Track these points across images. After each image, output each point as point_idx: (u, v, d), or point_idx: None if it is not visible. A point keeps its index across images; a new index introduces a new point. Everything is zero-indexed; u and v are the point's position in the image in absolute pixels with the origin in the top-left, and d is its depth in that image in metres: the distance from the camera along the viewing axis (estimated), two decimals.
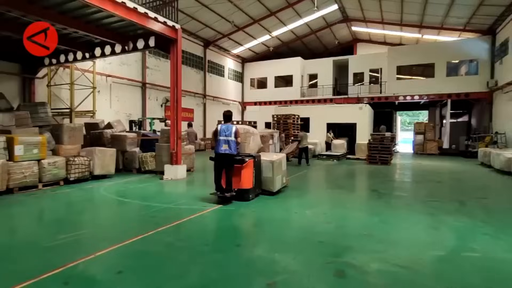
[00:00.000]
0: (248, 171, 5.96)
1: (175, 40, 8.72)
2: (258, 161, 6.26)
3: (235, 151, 5.79)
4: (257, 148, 6.92)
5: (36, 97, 11.33)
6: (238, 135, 5.87)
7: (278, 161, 6.62)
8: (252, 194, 6.07)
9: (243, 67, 27.28)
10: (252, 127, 7.22)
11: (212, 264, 3.26)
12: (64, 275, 2.94)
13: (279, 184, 6.67)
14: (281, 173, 6.79)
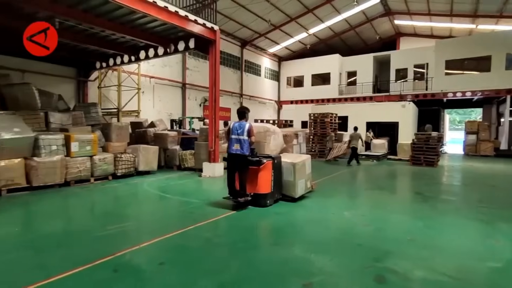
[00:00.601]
0: (266, 174, 5.39)
1: (214, 41, 8.95)
2: (278, 163, 5.67)
3: (248, 151, 5.26)
4: (279, 149, 6.43)
5: (89, 98, 12.33)
6: (252, 133, 5.31)
7: (301, 163, 5.96)
8: (270, 199, 5.48)
9: (279, 65, 27.19)
10: (273, 126, 6.66)
11: (248, 261, 3.31)
12: (113, 263, 3.17)
13: (302, 189, 6.03)
14: (305, 177, 6.10)
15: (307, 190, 6.31)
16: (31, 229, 4.59)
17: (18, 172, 6.41)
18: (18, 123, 6.90)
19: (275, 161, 5.54)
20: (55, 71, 11.30)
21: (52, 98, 9.52)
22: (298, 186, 5.86)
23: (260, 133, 6.12)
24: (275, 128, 6.43)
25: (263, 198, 5.40)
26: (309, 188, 6.40)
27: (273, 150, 6.25)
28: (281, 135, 6.48)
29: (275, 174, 5.55)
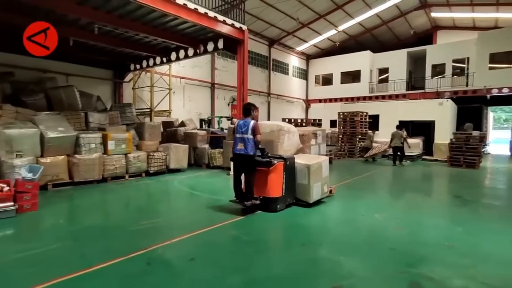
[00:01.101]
0: (276, 176, 4.98)
1: (242, 41, 9.03)
2: (290, 165, 5.26)
3: (252, 151, 4.88)
4: (294, 149, 5.95)
5: (124, 99, 12.96)
6: (257, 131, 4.90)
7: (317, 166, 5.45)
8: (280, 204, 5.08)
9: (307, 64, 26.82)
10: (288, 124, 6.19)
11: (277, 260, 3.31)
12: (146, 257, 3.31)
13: (317, 194, 5.50)
14: (321, 180, 5.56)
15: (324, 195, 5.74)
16: (74, 221, 4.93)
17: (62, 168, 6.89)
18: (62, 122, 7.42)
19: (287, 162, 5.14)
20: (94, 74, 12.01)
21: (92, 99, 10.14)
22: (313, 190, 5.36)
23: (273, 131, 5.70)
24: (290, 126, 5.96)
25: (273, 203, 5.00)
26: (326, 193, 5.81)
27: (287, 150, 5.77)
28: (297, 135, 6.01)
29: (288, 177, 5.14)
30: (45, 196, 5.85)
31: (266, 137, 5.62)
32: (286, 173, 5.07)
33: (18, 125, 6.49)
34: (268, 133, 5.75)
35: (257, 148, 4.96)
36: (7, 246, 3.68)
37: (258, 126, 4.98)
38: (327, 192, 5.84)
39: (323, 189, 5.68)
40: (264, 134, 5.69)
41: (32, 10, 7.32)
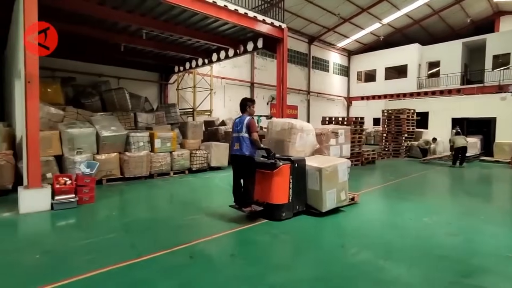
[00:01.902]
0: (282, 180, 4.47)
1: (281, 39, 9.00)
2: (299, 168, 4.69)
3: (248, 151, 4.38)
4: (308, 150, 5.33)
5: (169, 99, 13.67)
6: (253, 129, 4.40)
7: (331, 169, 4.75)
8: (286, 211, 4.54)
9: (349, 60, 25.90)
10: (301, 122, 5.58)
11: (316, 261, 3.26)
12: (189, 250, 3.46)
13: (332, 202, 4.79)
14: (336, 186, 4.84)
15: (341, 203, 5.00)
16: (125, 213, 5.32)
17: (115, 165, 7.47)
18: (115, 122, 8.03)
19: (295, 164, 4.58)
20: (142, 76, 12.83)
21: (140, 100, 10.84)
22: (327, 197, 4.69)
23: (284, 130, 5.17)
24: (304, 124, 5.32)
25: (277, 210, 4.48)
26: (344, 201, 5.06)
27: (300, 151, 5.15)
28: (312, 134, 5.37)
29: (296, 181, 4.60)
30: (100, 190, 6.39)
31: (276, 137, 5.26)
32: (293, 177, 4.55)
33: (79, 125, 7.17)
34: (279, 132, 5.29)
35: (256, 148, 4.48)
36: (71, 234, 4.10)
37: (253, 122, 4.47)
38: (345, 200, 5.07)
39: (340, 196, 4.92)
40: (274, 133, 5.35)
41: (88, 20, 8.02)
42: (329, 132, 5.76)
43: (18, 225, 4.43)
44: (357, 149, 10.93)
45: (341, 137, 5.92)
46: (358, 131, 10.99)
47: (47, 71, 9.50)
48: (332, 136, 5.74)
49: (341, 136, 5.91)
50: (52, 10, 7.00)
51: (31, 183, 4.93)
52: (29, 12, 4.87)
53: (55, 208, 4.97)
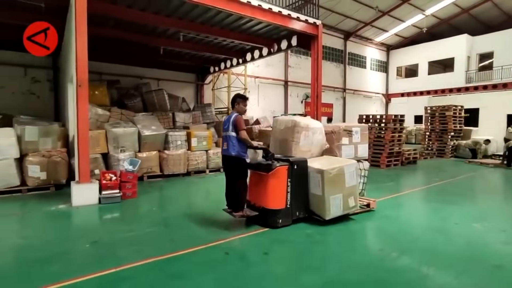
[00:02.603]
0: (278, 183, 4.08)
1: (316, 36, 8.83)
2: (300, 169, 4.26)
3: (235, 151, 4.09)
4: (316, 150, 4.84)
5: (204, 99, 14.07)
6: (240, 126, 4.07)
7: (336, 172, 4.24)
8: (283, 218, 4.13)
9: (387, 55, 24.71)
10: (307, 119, 5.15)
11: (351, 264, 3.16)
12: (225, 247, 3.55)
13: (337, 208, 4.29)
14: (343, 191, 4.31)
15: (349, 210, 4.48)
16: (164, 209, 5.58)
17: (155, 162, 7.87)
18: (155, 122, 8.45)
19: (294, 166, 4.18)
20: (180, 78, 13.35)
21: (178, 101, 11.28)
22: (330, 203, 4.21)
23: (288, 128, 4.77)
24: (310, 122, 4.86)
25: (273, 216, 4.09)
26: (354, 208, 4.54)
27: (305, 151, 4.66)
28: (320, 132, 4.89)
29: (295, 184, 4.20)
30: (142, 186, 6.77)
31: (280, 136, 4.91)
32: (292, 179, 4.16)
33: (122, 125, 7.65)
34: (283, 131, 4.88)
35: (247, 147, 4.18)
36: (116, 226, 4.41)
37: (240, 119, 4.14)
38: (355, 207, 4.54)
39: (348, 202, 4.39)
40: (278, 132, 4.95)
41: (131, 26, 8.52)
42: (340, 130, 5.05)
43: (71, 217, 4.85)
44: (397, 148, 10.41)
45: (355, 135, 5.11)
46: (397, 130, 10.46)
47: (95, 75, 10.25)
48: (345, 134, 5.00)
49: (356, 135, 5.10)
50: (100, 18, 7.54)
51: (82, 179, 5.36)
52: (80, 21, 5.28)
53: (102, 202, 5.35)
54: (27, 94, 9.99)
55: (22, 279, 2.81)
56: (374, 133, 10.41)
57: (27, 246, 3.60)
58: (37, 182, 6.11)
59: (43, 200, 5.61)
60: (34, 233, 4.13)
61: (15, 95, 9.75)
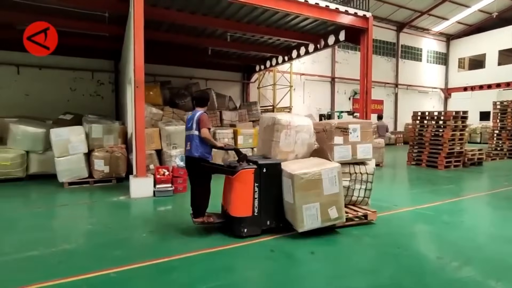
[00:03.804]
0: (243, 188, 3.66)
1: (366, 29, 8.42)
2: (272, 173, 3.75)
3: (198, 152, 3.79)
4: (302, 151, 4.25)
5: (250, 98, 14.29)
6: (203, 124, 3.78)
7: (309, 177, 3.59)
8: (249, 227, 3.67)
9: (447, 46, 22.55)
10: (292, 115, 4.54)
11: (406, 270, 2.97)
12: (271, 244, 3.56)
13: (313, 220, 3.64)
14: (319, 200, 3.65)
15: (331, 222, 3.76)
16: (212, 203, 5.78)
17: None
18: None
19: (263, 169, 3.71)
20: (226, 77, 13.74)
21: (225, 99, 11.62)
22: (304, 213, 3.59)
23: (268, 126, 4.28)
24: (293, 119, 4.27)
25: (238, 224, 3.66)
26: (338, 219, 3.78)
27: (287, 151, 4.11)
28: (307, 130, 4.28)
29: (265, 190, 3.71)
30: None
31: (263, 135, 4.47)
32: (260, 184, 3.68)
33: (174, 123, 8.11)
34: (265, 130, 4.38)
35: (210, 147, 3.92)
36: (169, 218, 4.70)
37: (205, 117, 3.85)
38: (339, 219, 3.79)
39: (328, 213, 3.70)
40: (262, 132, 4.54)
41: (182, 29, 8.98)
42: (333, 128, 4.27)
43: (130, 207, 5.29)
44: (458, 148, 9.48)
45: (353, 134, 4.34)
46: (459, 127, 9.51)
47: (150, 77, 11.01)
48: (338, 133, 4.28)
49: (353, 133, 4.34)
50: (155, 23, 8.07)
51: (139, 173, 5.81)
52: (138, 27, 5.70)
53: (156, 195, 5.75)
54: (94, 96, 11.12)
55: (92, 260, 3.15)
56: (431, 131, 9.61)
57: (95, 232, 4.03)
58: (101, 175, 6.78)
59: (106, 191, 6.21)
60: (100, 220, 4.60)
61: (85, 96, 10.93)
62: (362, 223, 4.23)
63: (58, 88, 10.49)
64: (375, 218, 4.31)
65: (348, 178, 4.26)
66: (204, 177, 3.92)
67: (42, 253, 3.29)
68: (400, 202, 5.52)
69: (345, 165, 4.23)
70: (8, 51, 9.60)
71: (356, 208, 4.37)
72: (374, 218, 4.31)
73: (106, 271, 2.87)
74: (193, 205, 3.99)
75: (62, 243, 3.57)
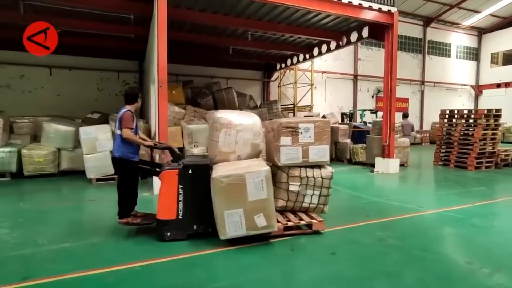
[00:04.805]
0: (167, 190, 3.52)
1: (391, 25, 8.14)
2: (199, 175, 3.56)
3: (120, 152, 3.70)
4: (245, 152, 3.88)
5: (271, 96, 14.26)
6: (124, 123, 3.65)
7: (229, 180, 3.30)
8: (173, 231, 3.50)
9: (479, 40, 21.37)
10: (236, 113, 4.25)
11: (432, 274, 2.86)
12: (290, 243, 3.54)
13: (237, 227, 3.33)
14: (243, 206, 3.32)
15: (258, 231, 3.41)
16: None
17: None
18: None
19: (188, 170, 3.53)
20: (247, 76, 13.78)
21: (245, 98, 11.67)
22: (225, 221, 3.31)
23: (211, 125, 4.06)
24: (235, 117, 3.95)
25: (161, 227, 3.53)
26: (268, 228, 3.41)
27: (226, 152, 3.83)
28: (251, 130, 3.90)
29: (192, 193, 3.53)
30: None
31: (209, 136, 4.22)
32: (186, 186, 3.51)
33: (196, 122, 8.25)
34: (209, 129, 4.18)
35: (138, 147, 3.81)
36: None
37: (127, 116, 3.68)
38: (269, 228, 3.42)
39: (255, 221, 3.35)
40: (208, 131, 4.37)
41: (204, 28, 9.10)
42: (279, 127, 3.86)
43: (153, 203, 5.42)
44: (490, 148, 8.98)
45: (305, 134, 3.91)
46: (491, 126, 9.00)
47: (172, 76, 11.25)
48: (286, 133, 3.86)
49: (305, 133, 3.92)
50: (177, 24, 8.23)
51: None
52: (161, 28, 5.83)
53: None
54: (119, 95, 11.52)
55: (117, 253, 3.27)
56: (460, 130, 9.17)
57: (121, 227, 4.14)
58: None
59: None
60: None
61: (111, 96, 11.35)
62: (306, 233, 3.77)
63: (86, 88, 10.97)
64: (322, 228, 3.82)
65: (298, 182, 3.88)
66: (126, 177, 3.80)
67: (72, 246, 3.46)
68: (425, 204, 5.32)
69: (296, 168, 3.91)
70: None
71: (304, 216, 3.92)
72: (321, 228, 3.82)
73: (131, 265, 2.97)
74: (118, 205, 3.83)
75: (90, 236, 3.74)
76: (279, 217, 3.80)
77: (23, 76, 10.22)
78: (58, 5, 7.38)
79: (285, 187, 3.90)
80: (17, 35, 6.54)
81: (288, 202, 3.94)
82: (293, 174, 3.89)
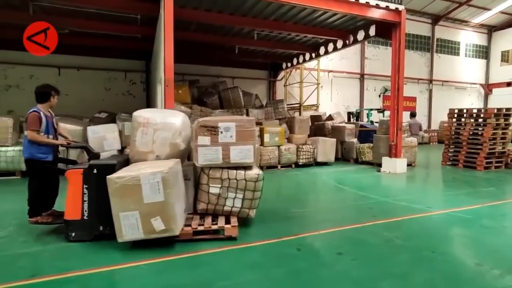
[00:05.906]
0: (72, 190, 3.45)
1: (398, 23, 8.04)
2: (106, 174, 3.29)
3: (27, 153, 3.67)
4: (164, 152, 3.72)
5: (276, 96, 14.24)
6: (28, 125, 3.61)
7: (124, 181, 3.13)
8: (78, 231, 3.44)
9: (489, 38, 21.01)
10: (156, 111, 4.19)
11: (441, 275, 2.82)
12: (297, 242, 3.54)
13: (134, 230, 3.18)
14: (138, 208, 3.16)
15: (156, 235, 3.23)
16: None
17: None
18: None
19: (93, 170, 3.42)
20: (253, 75, 13.78)
21: (251, 97, 11.67)
22: (122, 222, 3.17)
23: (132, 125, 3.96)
24: (154, 115, 3.83)
25: (67, 227, 3.48)
26: (167, 232, 3.23)
27: (144, 152, 3.70)
28: (169, 129, 3.77)
29: (97, 193, 3.38)
30: None
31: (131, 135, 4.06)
32: (91, 186, 3.41)
33: None
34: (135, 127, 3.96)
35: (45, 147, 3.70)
36: None
37: (32, 116, 3.62)
38: (168, 231, 3.23)
39: (152, 224, 3.18)
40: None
41: (210, 28, 9.12)
42: (197, 126, 3.73)
43: None
44: (500, 148, 8.83)
45: (225, 134, 3.77)
46: (501, 126, 8.84)
47: (179, 76, 11.30)
48: (203, 132, 3.71)
49: (226, 133, 3.76)
50: (184, 24, 8.27)
51: None
52: (168, 28, 5.85)
53: None
54: (126, 95, 11.64)
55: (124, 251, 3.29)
56: (469, 130, 9.03)
57: None
58: None
59: None
60: None
61: (118, 95, 11.46)
62: (219, 238, 3.54)
63: (94, 87, 11.09)
64: (235, 234, 3.55)
65: (219, 184, 3.73)
66: (35, 176, 3.75)
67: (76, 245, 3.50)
68: (434, 204, 5.25)
69: (217, 169, 3.77)
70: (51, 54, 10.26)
71: (219, 220, 3.72)
72: (234, 233, 3.54)
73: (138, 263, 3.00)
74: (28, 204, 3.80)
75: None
76: (194, 221, 3.65)
77: (32, 76, 10.37)
78: (66, 6, 7.46)
79: (206, 189, 3.76)
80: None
81: (209, 205, 3.78)
82: (214, 176, 3.74)
